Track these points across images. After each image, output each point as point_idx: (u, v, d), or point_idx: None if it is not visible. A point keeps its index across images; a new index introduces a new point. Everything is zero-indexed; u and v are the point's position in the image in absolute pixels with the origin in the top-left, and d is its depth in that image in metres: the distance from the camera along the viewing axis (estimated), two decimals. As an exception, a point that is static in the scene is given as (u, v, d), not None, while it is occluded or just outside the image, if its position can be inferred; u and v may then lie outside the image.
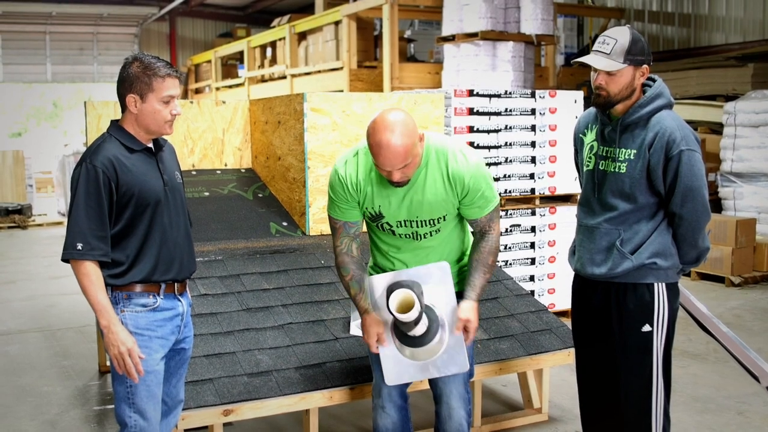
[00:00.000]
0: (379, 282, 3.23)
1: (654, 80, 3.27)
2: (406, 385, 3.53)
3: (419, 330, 3.11)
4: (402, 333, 3.16)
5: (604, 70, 3.15)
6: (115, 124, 2.99)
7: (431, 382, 3.49)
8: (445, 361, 3.19)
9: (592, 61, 3.17)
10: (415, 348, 3.17)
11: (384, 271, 3.37)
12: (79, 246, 2.80)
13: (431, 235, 3.29)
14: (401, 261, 3.34)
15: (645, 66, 3.20)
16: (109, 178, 2.83)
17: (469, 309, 3.18)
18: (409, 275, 3.19)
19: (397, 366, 3.22)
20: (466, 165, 3.19)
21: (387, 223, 3.27)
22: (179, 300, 3.06)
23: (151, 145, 3.00)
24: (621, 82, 3.17)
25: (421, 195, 3.19)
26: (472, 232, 3.41)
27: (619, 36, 3.16)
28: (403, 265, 3.32)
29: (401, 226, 3.26)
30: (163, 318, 2.99)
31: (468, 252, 3.46)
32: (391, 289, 3.07)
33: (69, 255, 2.82)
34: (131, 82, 2.89)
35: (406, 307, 3.03)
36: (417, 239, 3.29)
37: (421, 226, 3.25)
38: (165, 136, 3.07)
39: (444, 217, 3.25)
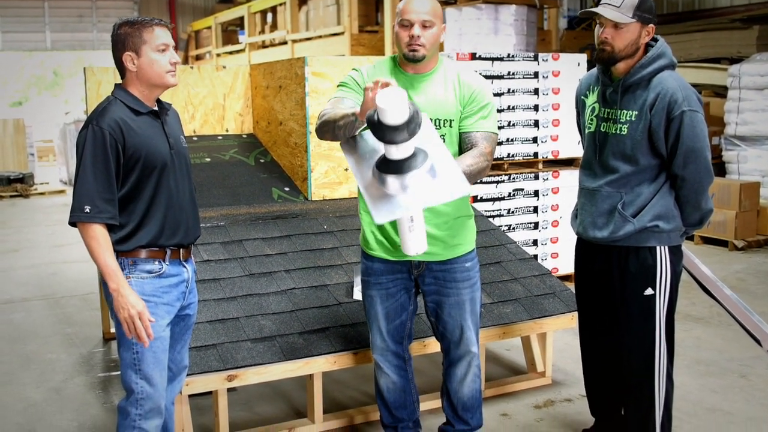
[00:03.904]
0: (370, 136, 2.89)
1: (656, 41, 3.23)
2: (400, 345, 3.52)
3: (403, 138, 2.60)
4: (386, 160, 2.69)
5: (612, 20, 3.11)
6: (119, 86, 2.96)
7: (444, 341, 3.49)
8: (441, 184, 2.71)
9: (602, 11, 3.14)
10: (401, 175, 2.67)
11: None
12: (87, 209, 2.77)
13: None
14: None
15: (651, 25, 3.17)
16: (116, 140, 2.81)
17: None
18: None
19: (384, 203, 2.73)
20: (477, 79, 3.31)
21: None
22: (184, 266, 3.05)
23: (156, 107, 2.98)
24: (627, 38, 3.14)
25: (430, 94, 3.24)
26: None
27: None
28: None
29: None
30: (169, 284, 2.98)
31: (465, 209, 3.39)
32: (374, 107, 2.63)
33: (77, 218, 2.80)
34: (123, 41, 2.87)
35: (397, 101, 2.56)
36: None
37: None
38: (169, 100, 3.05)
39: (450, 122, 3.25)
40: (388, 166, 2.69)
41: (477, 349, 3.49)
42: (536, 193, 6.64)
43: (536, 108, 6.53)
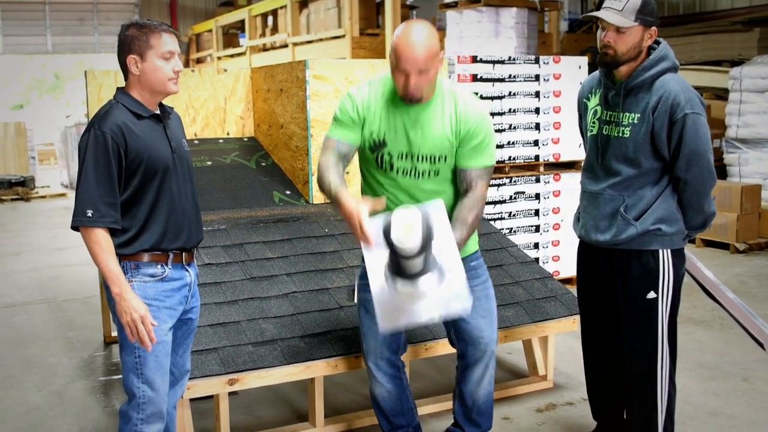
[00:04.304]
0: (373, 224, 2.95)
1: (658, 43, 3.23)
2: (394, 352, 3.50)
3: (417, 264, 2.81)
4: (397, 267, 2.85)
5: (615, 24, 3.10)
6: (121, 90, 2.96)
7: (463, 343, 3.46)
8: (448, 299, 2.93)
9: (604, 15, 3.13)
10: (410, 284, 2.86)
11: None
12: (89, 213, 2.77)
13: (429, 176, 3.24)
14: (396, 204, 3.21)
15: (653, 28, 3.16)
16: (118, 144, 2.80)
17: None
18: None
19: (391, 310, 2.96)
20: (474, 109, 3.22)
21: (388, 153, 3.23)
22: (187, 270, 3.05)
23: (157, 111, 2.98)
24: (629, 42, 3.13)
25: (426, 128, 3.19)
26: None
27: None
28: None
29: (402, 158, 3.23)
30: (171, 288, 2.98)
31: None
32: (387, 219, 2.78)
33: (79, 222, 2.80)
34: (129, 44, 2.86)
35: (407, 232, 2.73)
36: (416, 177, 3.24)
37: (421, 161, 3.21)
38: (171, 104, 3.05)
39: (444, 158, 3.22)
40: (400, 273, 2.85)
41: (495, 347, 3.46)
42: (537, 196, 6.63)
43: (537, 111, 6.53)
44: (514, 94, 6.42)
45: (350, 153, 3.27)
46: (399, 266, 2.83)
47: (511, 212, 6.52)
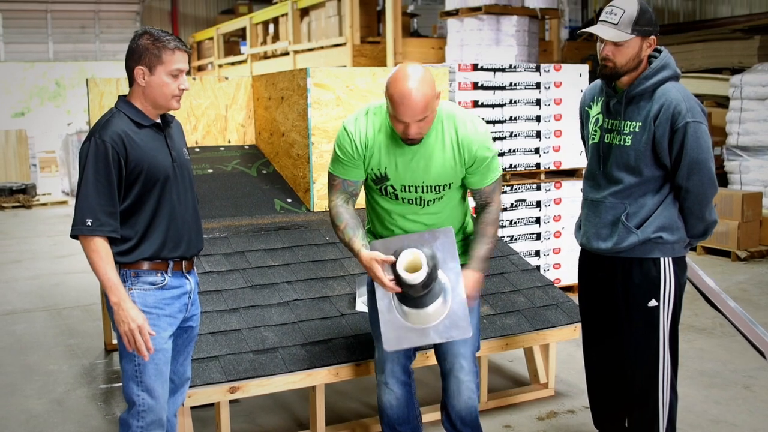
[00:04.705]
0: (380, 247, 3.15)
1: (660, 51, 3.23)
2: (409, 360, 3.52)
3: (422, 293, 3.04)
4: (404, 295, 3.07)
5: (611, 40, 3.11)
6: (122, 99, 2.96)
7: (439, 356, 3.47)
8: (447, 326, 3.12)
9: (599, 32, 3.13)
10: (416, 309, 3.09)
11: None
12: (89, 222, 2.77)
13: (434, 203, 3.26)
14: (401, 229, 3.29)
15: (652, 37, 3.16)
16: (118, 154, 2.81)
17: (470, 277, 3.19)
18: (412, 239, 3.12)
19: (397, 331, 3.14)
20: (475, 132, 3.19)
21: (391, 186, 3.24)
22: (187, 278, 3.05)
23: (158, 120, 2.98)
24: (628, 54, 3.13)
25: (429, 159, 3.17)
26: (474, 206, 3.40)
27: (626, 6, 3.11)
28: (403, 233, 3.28)
29: (405, 190, 3.23)
30: (171, 296, 2.97)
31: (468, 226, 3.44)
32: (398, 252, 3.03)
33: (78, 231, 2.80)
34: (140, 54, 2.86)
35: (414, 268, 2.98)
36: (421, 205, 3.26)
37: (427, 192, 3.23)
38: (172, 113, 3.05)
39: (449, 185, 3.23)
40: (407, 300, 3.07)
41: (468, 363, 3.40)
42: (538, 204, 6.63)
43: (538, 119, 6.54)
44: (514, 102, 6.43)
45: (357, 189, 3.33)
46: (405, 295, 3.05)
47: (512, 220, 6.52)
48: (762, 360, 3.79)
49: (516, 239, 6.54)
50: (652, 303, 3.26)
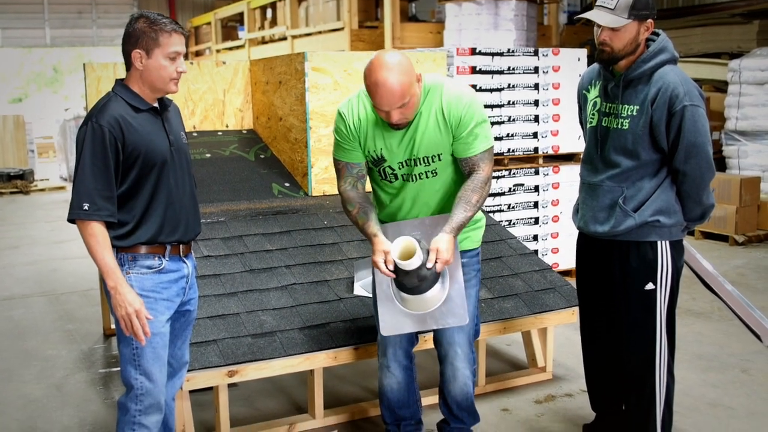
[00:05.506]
0: (391, 230, 3.23)
1: (657, 35, 3.22)
2: (411, 344, 3.53)
3: (418, 280, 3.07)
4: (401, 282, 3.11)
5: (608, 26, 3.10)
6: (120, 83, 2.95)
7: (436, 341, 3.49)
8: (444, 313, 3.15)
9: (595, 17, 3.12)
10: (413, 296, 3.12)
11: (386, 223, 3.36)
12: (86, 206, 2.77)
13: (427, 177, 3.25)
14: (402, 211, 3.33)
15: (650, 21, 3.15)
16: (115, 138, 2.80)
17: (441, 240, 3.09)
18: (413, 225, 3.19)
19: (395, 317, 3.18)
20: (459, 96, 3.17)
21: (389, 166, 3.25)
22: (184, 262, 3.04)
23: (156, 104, 2.97)
24: (625, 38, 3.12)
25: (419, 132, 3.18)
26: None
27: None
28: (405, 216, 3.32)
29: (402, 166, 3.25)
30: (169, 280, 2.97)
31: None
32: (392, 238, 3.08)
33: (75, 215, 2.79)
34: (137, 38, 2.84)
35: (408, 255, 3.02)
36: (413, 181, 3.26)
37: (417, 165, 3.22)
38: (170, 97, 3.05)
39: (439, 156, 3.21)
40: (404, 286, 3.12)
41: (463, 350, 3.42)
42: (536, 189, 6.63)
43: (536, 103, 6.53)
44: (513, 86, 6.41)
45: (363, 170, 3.34)
46: (401, 282, 3.09)
47: (510, 204, 6.52)
48: (759, 344, 3.80)
49: (514, 224, 6.54)
50: (649, 286, 3.27)
